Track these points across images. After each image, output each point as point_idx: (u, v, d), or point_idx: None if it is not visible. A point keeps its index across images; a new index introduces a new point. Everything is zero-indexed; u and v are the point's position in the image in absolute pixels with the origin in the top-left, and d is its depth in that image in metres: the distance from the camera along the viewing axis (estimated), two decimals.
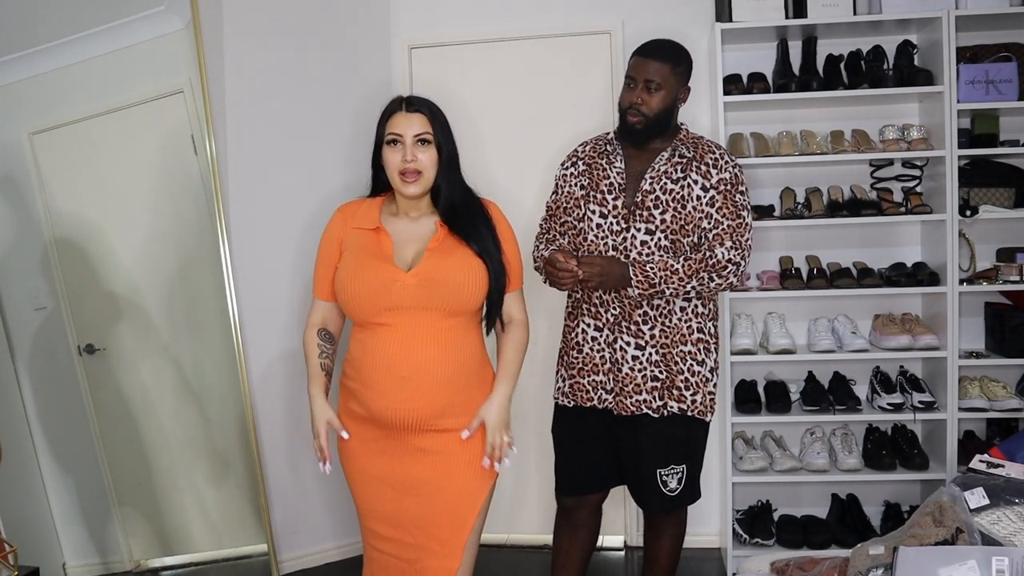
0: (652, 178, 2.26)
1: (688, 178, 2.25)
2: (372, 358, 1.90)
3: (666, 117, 2.27)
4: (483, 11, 3.31)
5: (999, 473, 1.84)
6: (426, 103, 1.98)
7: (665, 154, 2.28)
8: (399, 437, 1.92)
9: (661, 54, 2.25)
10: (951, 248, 2.88)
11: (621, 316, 2.26)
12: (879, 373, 3.08)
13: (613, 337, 2.27)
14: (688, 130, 2.35)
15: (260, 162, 3.10)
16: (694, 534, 3.26)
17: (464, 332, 1.94)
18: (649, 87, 2.23)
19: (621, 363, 2.26)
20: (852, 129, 3.06)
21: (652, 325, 2.25)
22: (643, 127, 2.25)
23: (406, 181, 1.93)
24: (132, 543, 2.98)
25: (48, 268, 2.84)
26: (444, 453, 1.92)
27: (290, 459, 3.18)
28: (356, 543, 3.31)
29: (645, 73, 2.23)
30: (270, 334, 3.12)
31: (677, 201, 2.24)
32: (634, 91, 2.25)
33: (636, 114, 2.25)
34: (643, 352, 2.25)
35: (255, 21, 3.08)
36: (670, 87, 2.25)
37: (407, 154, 1.92)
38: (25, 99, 2.78)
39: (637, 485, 2.34)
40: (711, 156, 2.27)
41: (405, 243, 1.96)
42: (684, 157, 2.27)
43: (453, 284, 1.89)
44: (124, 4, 2.83)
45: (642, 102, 2.23)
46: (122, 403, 2.94)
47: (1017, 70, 2.86)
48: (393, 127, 1.95)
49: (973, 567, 1.52)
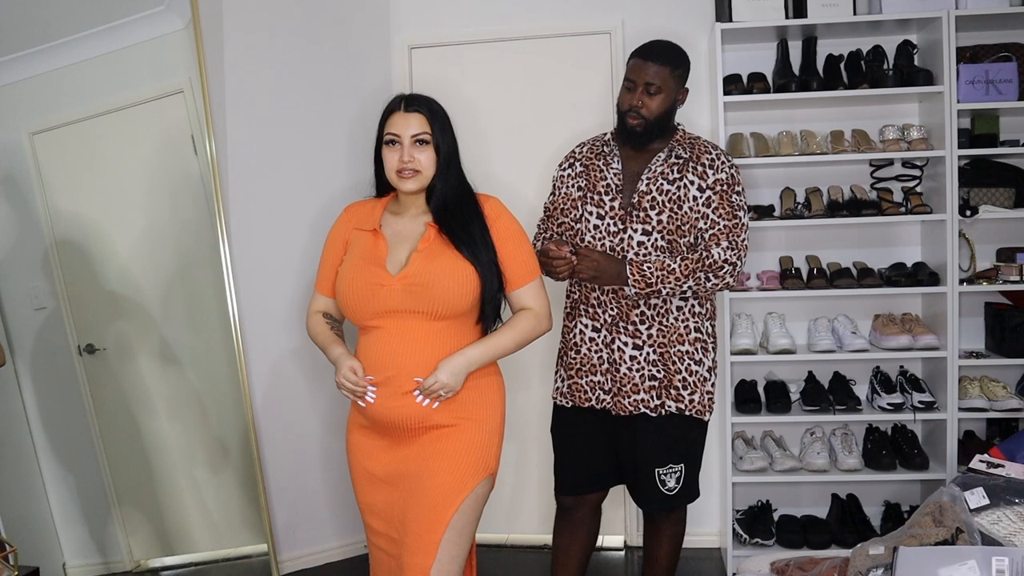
0: (649, 179, 2.26)
1: (684, 179, 2.25)
2: (364, 359, 1.93)
3: (665, 119, 2.28)
4: (483, 11, 3.31)
5: (999, 473, 1.84)
6: (426, 102, 1.98)
7: (662, 155, 2.28)
8: (395, 436, 1.95)
9: (661, 57, 2.25)
10: (951, 248, 2.88)
11: (619, 316, 2.26)
12: (879, 373, 3.08)
13: (611, 337, 2.27)
14: (685, 130, 2.35)
15: (260, 162, 3.10)
16: (694, 534, 3.26)
17: (456, 334, 1.94)
18: (649, 90, 2.23)
19: (619, 363, 2.26)
20: (852, 129, 3.06)
21: (650, 325, 2.25)
22: (643, 129, 2.26)
23: (403, 177, 1.94)
24: (132, 543, 2.98)
25: (48, 268, 2.84)
26: (428, 448, 1.93)
27: (290, 459, 3.18)
28: (356, 543, 3.31)
29: (645, 76, 2.23)
30: (270, 334, 3.12)
31: (674, 202, 2.24)
32: (634, 94, 2.25)
33: (636, 116, 2.25)
34: (640, 352, 2.25)
35: (255, 21, 3.08)
36: (669, 90, 2.26)
37: (404, 155, 1.92)
38: (25, 99, 2.78)
39: (636, 484, 2.34)
40: (707, 157, 2.27)
41: (400, 244, 1.97)
42: (680, 158, 2.28)
43: (439, 288, 1.88)
44: (124, 4, 2.83)
45: (642, 105, 2.23)
46: (122, 403, 2.94)
47: (1017, 70, 2.86)
48: (391, 127, 1.95)
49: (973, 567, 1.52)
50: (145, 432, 2.97)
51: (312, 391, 3.22)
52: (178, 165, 2.95)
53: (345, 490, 3.29)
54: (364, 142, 3.25)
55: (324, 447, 3.26)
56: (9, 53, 2.72)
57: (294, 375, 3.19)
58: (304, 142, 3.18)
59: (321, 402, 3.24)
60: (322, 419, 3.25)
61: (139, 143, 2.92)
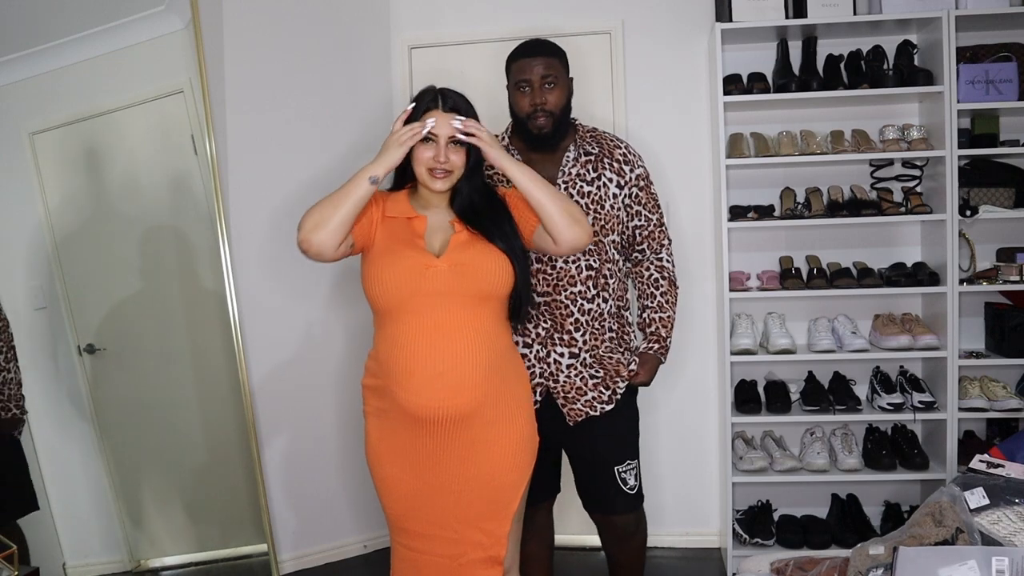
0: (566, 183, 2.21)
1: (602, 177, 2.23)
2: (403, 352, 1.86)
3: (566, 113, 2.24)
4: (483, 11, 3.31)
5: (999, 473, 1.83)
6: (463, 102, 1.96)
7: (571, 154, 2.24)
8: (438, 433, 1.88)
9: (545, 49, 2.21)
10: (951, 248, 2.88)
11: (553, 329, 2.22)
12: (879, 373, 3.08)
13: (546, 351, 2.22)
14: (581, 123, 2.32)
15: (260, 162, 3.10)
16: (694, 534, 3.27)
17: (495, 321, 1.93)
18: (546, 83, 2.18)
19: (557, 374, 2.23)
20: (852, 129, 3.06)
21: (584, 331, 2.22)
22: (552, 127, 2.20)
23: (435, 177, 1.93)
24: (132, 543, 2.98)
25: (48, 268, 2.84)
26: (487, 445, 1.91)
27: (290, 459, 3.18)
28: (356, 543, 3.32)
29: (539, 71, 2.18)
30: (270, 334, 3.12)
31: (596, 203, 2.21)
32: (531, 93, 2.19)
33: (543, 114, 2.17)
34: (577, 359, 2.22)
35: (255, 21, 3.09)
36: (563, 80, 2.22)
37: (440, 155, 1.91)
38: (25, 99, 2.78)
39: (594, 487, 2.29)
40: (619, 152, 2.26)
41: (433, 232, 1.96)
42: (591, 154, 2.24)
43: (484, 269, 1.89)
44: (124, 4, 2.83)
45: (545, 101, 2.18)
46: (122, 403, 2.94)
47: (1017, 70, 2.86)
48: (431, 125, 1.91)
49: (973, 567, 1.52)
50: (145, 432, 2.97)
51: (312, 391, 3.22)
52: (178, 165, 2.95)
53: (345, 490, 3.30)
54: (364, 142, 3.27)
55: (324, 447, 3.26)
56: (9, 53, 2.72)
57: (294, 375, 3.19)
58: (304, 142, 3.18)
59: (321, 402, 3.24)
60: (322, 419, 3.25)
61: (139, 143, 2.92)
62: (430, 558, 1.96)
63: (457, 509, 1.92)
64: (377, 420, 1.96)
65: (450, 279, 1.87)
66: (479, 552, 1.93)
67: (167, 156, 2.95)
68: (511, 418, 1.94)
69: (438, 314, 1.86)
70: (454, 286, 1.87)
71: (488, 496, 1.92)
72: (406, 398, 1.86)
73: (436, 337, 1.85)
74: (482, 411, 1.88)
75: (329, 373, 3.25)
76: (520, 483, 1.96)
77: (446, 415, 1.86)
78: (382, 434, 1.95)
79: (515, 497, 1.95)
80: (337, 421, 3.26)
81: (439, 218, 1.99)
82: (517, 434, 1.95)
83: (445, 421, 1.86)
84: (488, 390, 1.88)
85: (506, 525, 1.94)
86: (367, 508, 3.25)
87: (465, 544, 1.93)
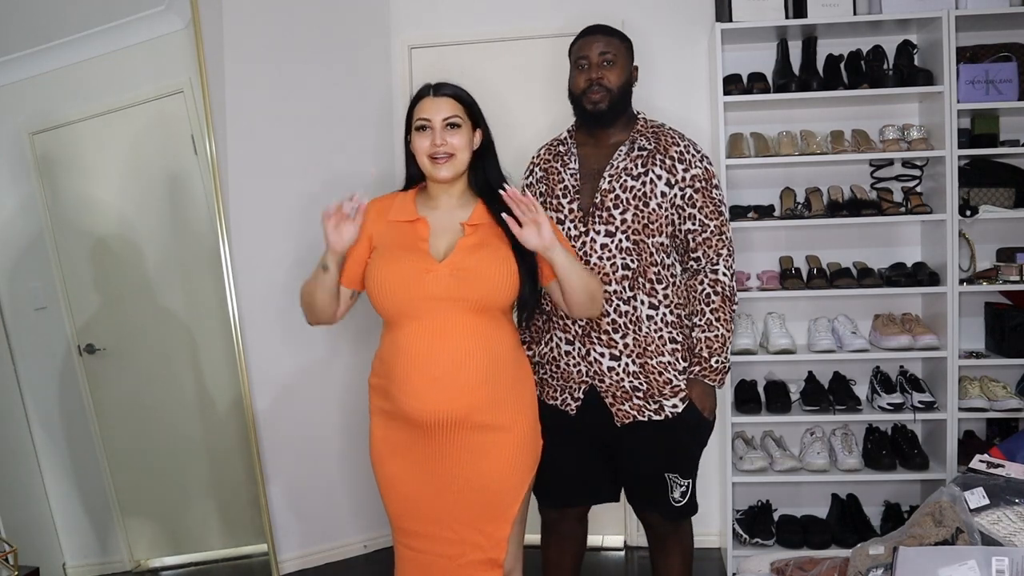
0: (611, 176, 2.14)
1: (651, 173, 2.13)
2: (404, 356, 1.86)
3: (626, 95, 2.20)
4: (483, 11, 3.31)
5: (999, 473, 1.84)
6: (454, 87, 1.98)
7: (623, 148, 2.18)
8: (436, 436, 1.88)
9: (606, 30, 2.20)
10: (951, 248, 2.88)
11: (590, 327, 2.14)
12: (879, 373, 3.08)
13: (586, 349, 2.15)
14: (647, 118, 2.25)
15: (260, 162, 3.09)
16: (694, 534, 3.26)
17: (497, 327, 1.91)
18: (605, 60, 2.16)
19: (602, 374, 2.14)
20: (852, 129, 3.06)
21: (624, 334, 2.13)
22: (609, 104, 2.15)
23: (437, 163, 1.92)
24: (132, 543, 2.98)
25: (48, 268, 2.84)
26: (485, 450, 1.90)
27: (290, 459, 3.18)
28: (356, 543, 3.31)
29: (598, 48, 2.16)
30: (270, 334, 3.12)
31: (639, 199, 2.12)
32: (588, 69, 2.17)
33: (599, 90, 2.14)
34: (619, 363, 2.13)
35: (255, 21, 3.08)
36: (624, 61, 2.19)
37: (436, 138, 1.91)
38: (25, 99, 2.78)
39: (641, 491, 2.23)
40: (676, 149, 2.15)
41: (439, 234, 1.94)
42: (644, 150, 2.15)
43: (486, 275, 1.87)
44: (124, 4, 2.83)
45: (601, 76, 2.14)
46: (122, 403, 2.94)
47: (1017, 70, 2.86)
48: (421, 112, 1.94)
49: (973, 567, 1.52)
50: (145, 432, 2.97)
51: (312, 391, 3.22)
52: (178, 165, 2.95)
53: (346, 489, 3.30)
54: (364, 142, 3.27)
55: (324, 447, 3.26)
56: (9, 53, 2.72)
57: (294, 375, 3.18)
58: (304, 142, 3.18)
59: (322, 402, 3.24)
60: (322, 419, 3.25)
61: (139, 143, 2.92)
62: (430, 558, 1.96)
63: (456, 510, 1.92)
64: (381, 419, 1.97)
65: (450, 284, 1.86)
66: (478, 554, 1.93)
67: (167, 156, 2.95)
68: (512, 423, 1.93)
69: (438, 318, 1.85)
70: (454, 291, 1.85)
71: (487, 499, 1.92)
72: (405, 401, 1.87)
73: (435, 341, 1.85)
74: (481, 415, 1.88)
75: (330, 373, 3.25)
76: (520, 487, 1.96)
77: (443, 419, 1.86)
78: (385, 433, 1.96)
79: (515, 501, 1.94)
80: (338, 420, 3.26)
81: (448, 218, 1.96)
82: (518, 439, 1.94)
83: (442, 425, 1.86)
84: (487, 395, 1.87)
85: (506, 528, 1.93)
86: (367, 508, 3.25)
87: (464, 545, 1.93)
